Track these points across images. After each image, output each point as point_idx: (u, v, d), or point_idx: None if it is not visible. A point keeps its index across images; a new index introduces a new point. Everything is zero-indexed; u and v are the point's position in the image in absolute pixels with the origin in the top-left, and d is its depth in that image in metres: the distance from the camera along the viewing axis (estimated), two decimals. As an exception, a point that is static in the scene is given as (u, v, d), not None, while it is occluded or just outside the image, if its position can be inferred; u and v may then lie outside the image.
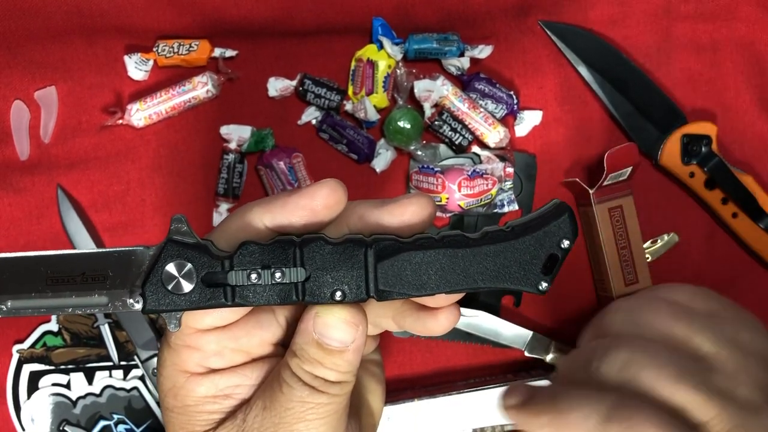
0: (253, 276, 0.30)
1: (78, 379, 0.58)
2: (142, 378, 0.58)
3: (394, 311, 0.35)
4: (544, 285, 0.30)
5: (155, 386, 0.57)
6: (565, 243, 0.30)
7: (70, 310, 0.31)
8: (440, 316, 0.33)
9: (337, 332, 0.31)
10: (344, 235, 0.32)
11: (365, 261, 0.31)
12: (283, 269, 0.30)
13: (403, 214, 0.32)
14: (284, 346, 0.36)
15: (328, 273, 0.31)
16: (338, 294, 0.31)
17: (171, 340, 0.34)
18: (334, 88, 0.59)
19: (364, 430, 0.37)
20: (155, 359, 0.57)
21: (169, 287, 0.30)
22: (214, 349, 0.34)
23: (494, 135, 0.59)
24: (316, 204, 0.32)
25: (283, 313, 0.36)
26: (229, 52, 0.59)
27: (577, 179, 0.59)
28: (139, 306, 0.30)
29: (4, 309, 0.30)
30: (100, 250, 0.32)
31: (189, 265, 0.30)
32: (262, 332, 0.35)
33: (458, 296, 0.32)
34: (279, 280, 0.30)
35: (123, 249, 0.31)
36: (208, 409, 0.35)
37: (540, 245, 0.30)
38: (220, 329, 0.34)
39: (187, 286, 0.30)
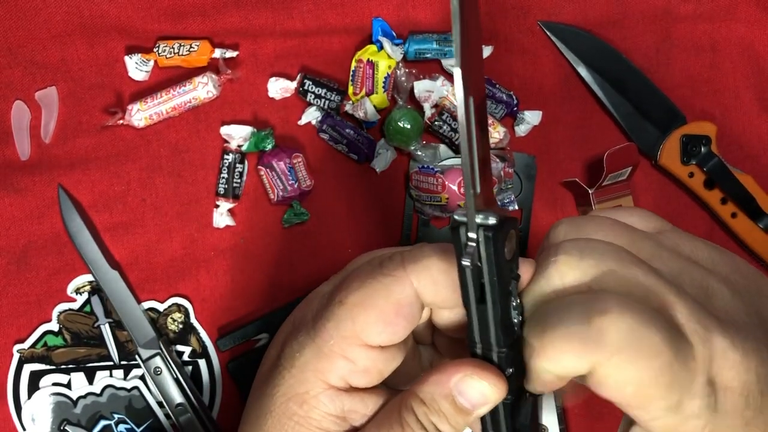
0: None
1: (78, 378, 0.58)
2: (142, 378, 0.58)
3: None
4: None
5: (156, 386, 0.57)
6: None
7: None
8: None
9: (478, 396, 0.32)
10: None
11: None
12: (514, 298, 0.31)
13: None
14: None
15: (517, 346, 0.32)
16: (509, 369, 0.32)
17: (327, 344, 0.34)
18: (334, 88, 0.59)
19: None
20: (157, 358, 0.57)
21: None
22: (366, 365, 0.34)
23: (494, 135, 0.60)
24: None
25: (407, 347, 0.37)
26: (230, 53, 0.59)
27: (577, 179, 0.59)
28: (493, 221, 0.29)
29: None
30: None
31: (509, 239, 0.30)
32: (399, 359, 0.35)
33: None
34: (514, 306, 0.31)
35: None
36: (325, 427, 0.34)
37: None
38: (382, 348, 0.34)
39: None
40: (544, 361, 0.30)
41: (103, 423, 0.58)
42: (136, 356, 0.57)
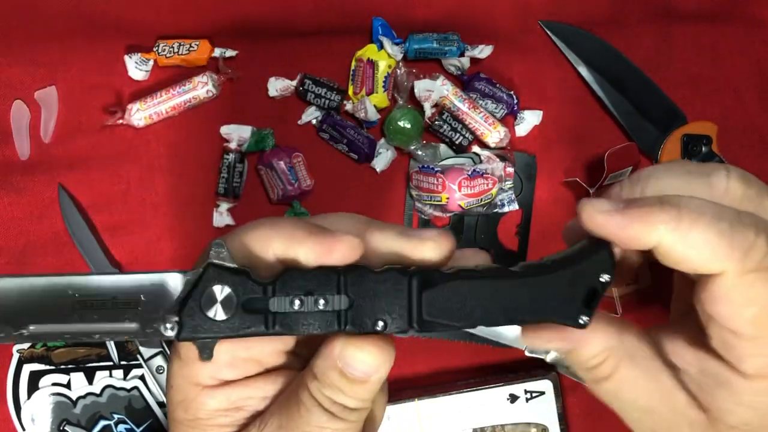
0: (296, 303, 0.30)
1: (78, 378, 0.58)
2: (142, 378, 0.58)
3: None
4: (584, 319, 0.30)
5: (157, 384, 0.57)
6: (605, 277, 0.30)
7: (98, 336, 0.29)
8: None
9: (362, 364, 0.31)
10: (386, 264, 0.31)
11: (408, 291, 0.30)
12: (327, 296, 0.30)
13: (423, 252, 0.32)
14: (296, 354, 0.36)
15: (371, 302, 0.30)
16: (380, 324, 0.30)
17: (182, 352, 0.34)
18: (334, 88, 0.59)
19: None
20: (159, 357, 0.57)
21: (208, 313, 0.30)
22: (227, 359, 0.33)
23: (494, 135, 0.60)
24: (331, 257, 0.31)
25: None
26: (230, 52, 0.59)
27: (577, 179, 0.59)
28: (173, 333, 0.29)
29: (25, 334, 0.28)
30: (133, 273, 0.30)
31: (229, 291, 0.30)
32: (275, 342, 0.34)
33: None
34: (322, 308, 0.30)
35: (157, 273, 0.30)
36: (219, 422, 0.34)
37: (580, 279, 0.30)
38: (233, 339, 0.33)
39: (226, 313, 0.30)
40: (677, 233, 0.28)
41: (102, 423, 0.58)
42: (138, 355, 0.57)
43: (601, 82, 0.61)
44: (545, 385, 0.59)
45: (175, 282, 0.30)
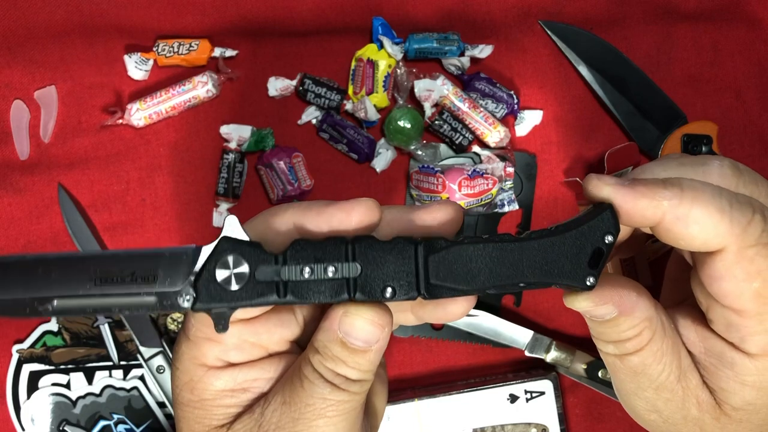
0: (306, 270, 0.30)
1: (78, 378, 0.58)
2: (141, 378, 0.58)
3: (412, 303, 0.35)
4: (591, 280, 0.31)
5: (157, 384, 0.57)
6: (609, 238, 0.30)
7: (118, 309, 0.30)
8: (459, 299, 0.33)
9: (363, 332, 0.32)
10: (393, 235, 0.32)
11: (415, 257, 0.31)
12: (336, 264, 0.31)
13: (433, 219, 0.32)
14: (300, 345, 0.36)
15: (379, 269, 0.31)
16: (389, 291, 0.31)
17: (190, 332, 0.34)
18: (334, 87, 0.59)
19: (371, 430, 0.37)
20: (159, 357, 0.57)
21: (222, 284, 0.30)
22: (235, 342, 0.34)
23: (494, 135, 0.59)
24: (350, 220, 0.32)
25: (302, 312, 0.36)
26: (229, 52, 0.59)
27: (577, 179, 0.59)
28: (188, 304, 0.30)
29: (50, 309, 0.30)
30: (151, 249, 0.31)
31: (241, 261, 0.30)
32: (282, 329, 0.35)
33: None
34: (332, 276, 0.31)
35: (174, 248, 0.31)
36: (225, 403, 0.35)
37: (585, 240, 0.30)
38: (243, 322, 0.34)
39: (239, 283, 0.30)
40: (684, 209, 0.29)
41: (102, 423, 0.58)
42: (138, 355, 0.57)
43: (601, 82, 0.61)
44: (545, 385, 0.59)
45: (190, 256, 0.31)
